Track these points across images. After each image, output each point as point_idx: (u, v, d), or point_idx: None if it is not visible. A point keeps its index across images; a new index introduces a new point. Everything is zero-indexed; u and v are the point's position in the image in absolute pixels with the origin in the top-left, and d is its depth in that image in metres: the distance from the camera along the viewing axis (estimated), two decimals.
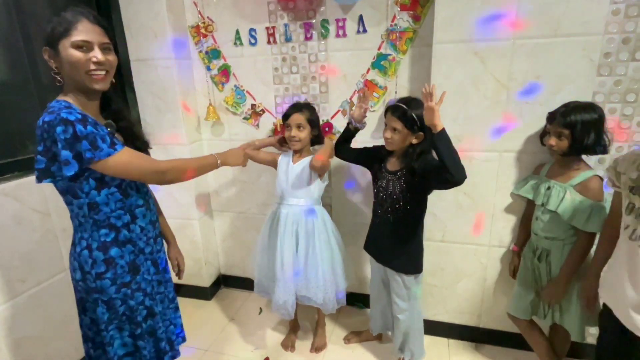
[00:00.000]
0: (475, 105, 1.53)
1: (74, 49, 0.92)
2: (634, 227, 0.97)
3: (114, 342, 1.09)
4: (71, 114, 0.89)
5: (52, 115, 0.88)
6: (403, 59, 1.71)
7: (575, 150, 1.28)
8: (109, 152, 0.92)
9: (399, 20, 1.66)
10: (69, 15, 0.93)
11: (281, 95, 1.92)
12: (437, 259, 1.77)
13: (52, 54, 0.95)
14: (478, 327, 1.82)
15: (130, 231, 1.06)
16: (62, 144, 0.88)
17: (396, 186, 1.44)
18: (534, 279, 1.46)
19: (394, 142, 1.40)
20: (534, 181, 1.47)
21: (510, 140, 1.54)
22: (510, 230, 1.64)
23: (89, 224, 1.01)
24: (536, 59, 1.42)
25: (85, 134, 0.89)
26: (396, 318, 1.58)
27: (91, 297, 1.04)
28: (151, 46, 1.86)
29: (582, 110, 1.25)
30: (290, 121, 1.60)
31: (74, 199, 0.99)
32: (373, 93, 1.79)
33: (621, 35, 1.35)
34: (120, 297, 1.05)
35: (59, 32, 0.92)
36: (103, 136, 0.92)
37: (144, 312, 1.11)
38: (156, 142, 2.00)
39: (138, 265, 1.08)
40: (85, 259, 1.01)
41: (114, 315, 1.06)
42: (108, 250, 1.02)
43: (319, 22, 1.76)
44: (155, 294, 1.16)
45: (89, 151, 0.89)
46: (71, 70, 0.94)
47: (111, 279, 1.03)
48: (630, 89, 1.39)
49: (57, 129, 0.87)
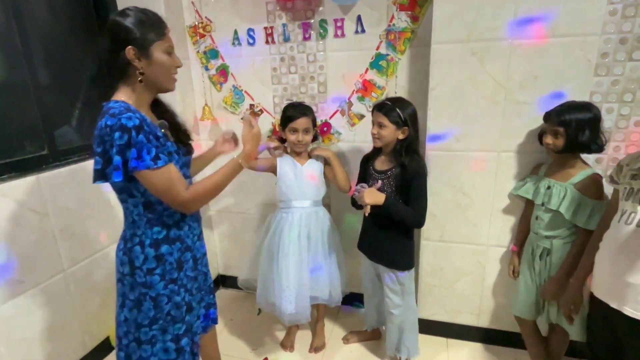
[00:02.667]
0: (474, 105, 1.54)
1: (165, 53, 1.00)
2: (631, 211, 1.02)
3: (156, 343, 1.09)
4: (130, 120, 0.92)
5: (114, 120, 0.91)
6: (401, 59, 1.72)
7: (570, 148, 1.30)
8: (149, 165, 0.94)
9: (397, 21, 1.67)
10: (158, 21, 1.00)
11: (279, 95, 1.93)
12: (436, 259, 1.78)
13: (139, 54, 0.97)
14: (477, 327, 1.83)
15: (180, 229, 1.10)
16: (116, 149, 0.91)
17: (386, 185, 1.46)
18: (533, 278, 1.47)
19: (380, 137, 1.43)
20: (533, 181, 1.48)
21: (508, 140, 1.55)
22: (509, 229, 1.66)
23: (143, 221, 1.04)
24: (533, 59, 1.43)
25: (135, 142, 0.92)
26: (390, 314, 1.59)
27: (137, 292, 1.06)
28: None
29: (576, 110, 1.28)
30: (296, 125, 1.57)
31: (130, 197, 1.03)
32: (372, 93, 1.80)
33: (618, 35, 1.36)
34: (167, 294, 1.07)
35: (153, 35, 0.98)
36: (150, 148, 0.94)
37: (184, 307, 1.13)
38: None
39: (183, 262, 1.11)
40: (137, 255, 1.04)
41: (159, 314, 1.07)
42: (160, 247, 1.06)
43: (318, 22, 1.76)
44: (193, 289, 1.18)
45: (134, 160, 0.93)
46: (160, 72, 1.01)
47: (160, 275, 1.06)
48: (627, 88, 1.41)
49: (116, 134, 0.91)
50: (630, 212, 1.03)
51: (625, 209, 1.04)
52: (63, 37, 1.71)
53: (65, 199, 1.59)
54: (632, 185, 1.04)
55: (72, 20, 1.76)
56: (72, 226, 1.63)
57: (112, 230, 1.84)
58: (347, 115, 1.86)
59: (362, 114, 1.84)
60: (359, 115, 1.85)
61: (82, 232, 1.68)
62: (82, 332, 1.70)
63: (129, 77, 1.00)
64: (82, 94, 1.80)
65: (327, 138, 1.90)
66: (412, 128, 1.41)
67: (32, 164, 1.53)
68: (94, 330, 1.77)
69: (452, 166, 1.64)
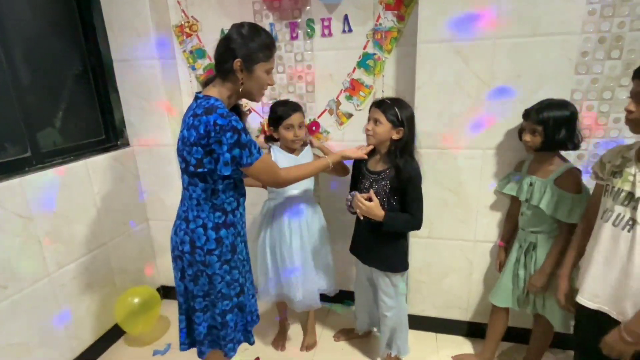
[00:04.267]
0: (459, 103, 1.57)
1: (266, 73, 1.15)
2: (609, 209, 1.05)
3: (207, 312, 1.25)
4: (238, 123, 1.07)
5: (225, 120, 1.04)
6: (388, 58, 1.74)
7: (547, 146, 1.34)
8: (257, 158, 1.12)
9: (383, 20, 1.69)
10: (270, 44, 1.14)
11: (267, 94, 1.92)
12: (424, 255, 1.81)
13: (244, 67, 1.11)
14: (465, 321, 1.87)
15: (235, 216, 1.22)
16: (227, 147, 1.06)
17: (381, 187, 1.45)
18: (517, 272, 1.51)
19: (375, 134, 1.40)
20: (517, 178, 1.52)
21: (492, 138, 1.58)
22: (495, 225, 1.69)
23: (207, 205, 1.16)
24: (516, 58, 1.47)
25: (246, 141, 1.08)
26: (384, 316, 1.60)
27: (195, 268, 1.19)
28: (134, 46, 1.84)
29: (554, 108, 1.31)
30: (292, 121, 1.56)
31: (202, 182, 1.14)
32: (359, 92, 1.81)
33: (597, 34, 1.40)
34: (221, 274, 1.20)
35: (262, 55, 1.12)
36: (255, 144, 1.12)
37: (238, 289, 1.26)
38: (142, 144, 2.01)
39: (236, 246, 1.24)
40: (199, 236, 1.16)
41: (212, 289, 1.21)
42: (219, 231, 1.18)
43: (305, 21, 1.77)
44: (246, 272, 1.32)
45: (248, 157, 1.09)
46: (256, 86, 1.16)
47: (217, 256, 1.18)
48: (606, 86, 1.45)
49: (228, 134, 1.04)
50: (606, 209, 1.06)
51: (606, 207, 1.07)
52: (45, 37, 1.69)
53: (49, 202, 1.56)
54: (613, 183, 1.07)
55: (54, 19, 1.73)
56: (58, 229, 1.61)
57: (98, 234, 1.82)
58: (336, 114, 1.87)
59: (350, 113, 1.85)
60: (347, 115, 1.86)
61: (68, 235, 1.66)
62: (69, 337, 1.68)
63: (229, 81, 1.14)
64: (66, 94, 1.77)
65: (316, 137, 1.91)
66: (407, 129, 1.39)
67: (15, 167, 1.50)
68: (82, 334, 1.76)
69: (439, 164, 1.66)
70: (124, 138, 2.02)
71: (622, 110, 1.43)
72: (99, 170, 1.82)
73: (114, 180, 1.91)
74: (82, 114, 1.86)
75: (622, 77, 1.43)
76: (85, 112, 1.88)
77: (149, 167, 2.05)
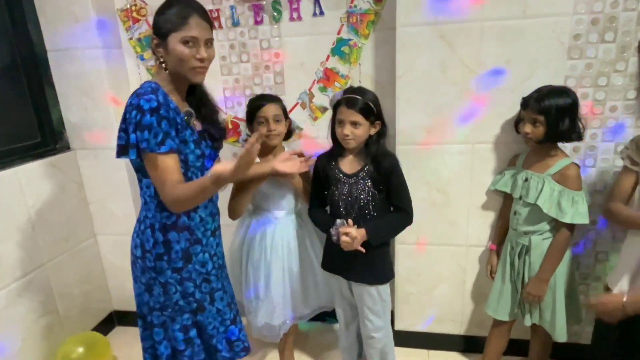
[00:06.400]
0: (445, 93, 1.52)
1: (182, 44, 1.04)
2: None
3: (167, 329, 1.19)
4: (149, 102, 1.00)
5: (137, 99, 1.01)
6: (365, 44, 1.68)
7: (550, 137, 1.30)
8: (152, 149, 1.01)
9: (358, 1, 1.62)
10: (181, 9, 1.04)
11: (231, 87, 1.83)
12: (412, 264, 1.75)
13: (160, 44, 1.06)
14: (460, 335, 1.82)
15: (190, 219, 1.15)
16: (132, 128, 1.01)
17: (361, 189, 1.38)
18: (512, 278, 1.47)
19: (355, 137, 1.33)
20: (511, 173, 1.48)
21: (482, 131, 1.54)
22: (489, 227, 1.65)
23: (153, 204, 1.11)
24: (506, 42, 1.43)
25: (147, 123, 1.00)
26: (370, 338, 1.50)
27: (147, 276, 1.14)
28: (72, 33, 1.72)
29: (556, 95, 1.27)
30: (264, 113, 1.47)
31: (144, 177, 1.10)
32: (334, 83, 1.75)
33: (590, 15, 1.38)
34: (174, 283, 1.14)
35: (170, 25, 1.03)
36: (158, 132, 1.01)
37: (194, 305, 1.19)
38: (84, 146, 1.89)
39: (191, 254, 1.16)
40: (147, 238, 1.12)
41: (168, 301, 1.15)
42: (167, 233, 1.12)
43: (270, 3, 1.68)
44: (210, 289, 1.22)
45: (144, 141, 1.01)
46: (177, 63, 1.06)
47: (167, 262, 1.13)
48: (601, 72, 1.43)
49: (133, 112, 1.01)
50: None
51: None
52: None
53: None
54: None
55: None
56: None
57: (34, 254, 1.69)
58: (309, 108, 1.80)
59: (325, 106, 1.78)
60: (321, 108, 1.79)
61: None
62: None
63: (161, 64, 1.09)
64: None
65: None
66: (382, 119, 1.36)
67: None
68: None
69: (424, 161, 1.61)
70: (63, 140, 1.89)
71: (619, 97, 1.45)
72: (33, 179, 1.69)
73: (53, 190, 1.78)
74: (11, 114, 1.72)
75: (618, 62, 1.41)
76: (15, 112, 1.74)
77: (95, 174, 1.92)
